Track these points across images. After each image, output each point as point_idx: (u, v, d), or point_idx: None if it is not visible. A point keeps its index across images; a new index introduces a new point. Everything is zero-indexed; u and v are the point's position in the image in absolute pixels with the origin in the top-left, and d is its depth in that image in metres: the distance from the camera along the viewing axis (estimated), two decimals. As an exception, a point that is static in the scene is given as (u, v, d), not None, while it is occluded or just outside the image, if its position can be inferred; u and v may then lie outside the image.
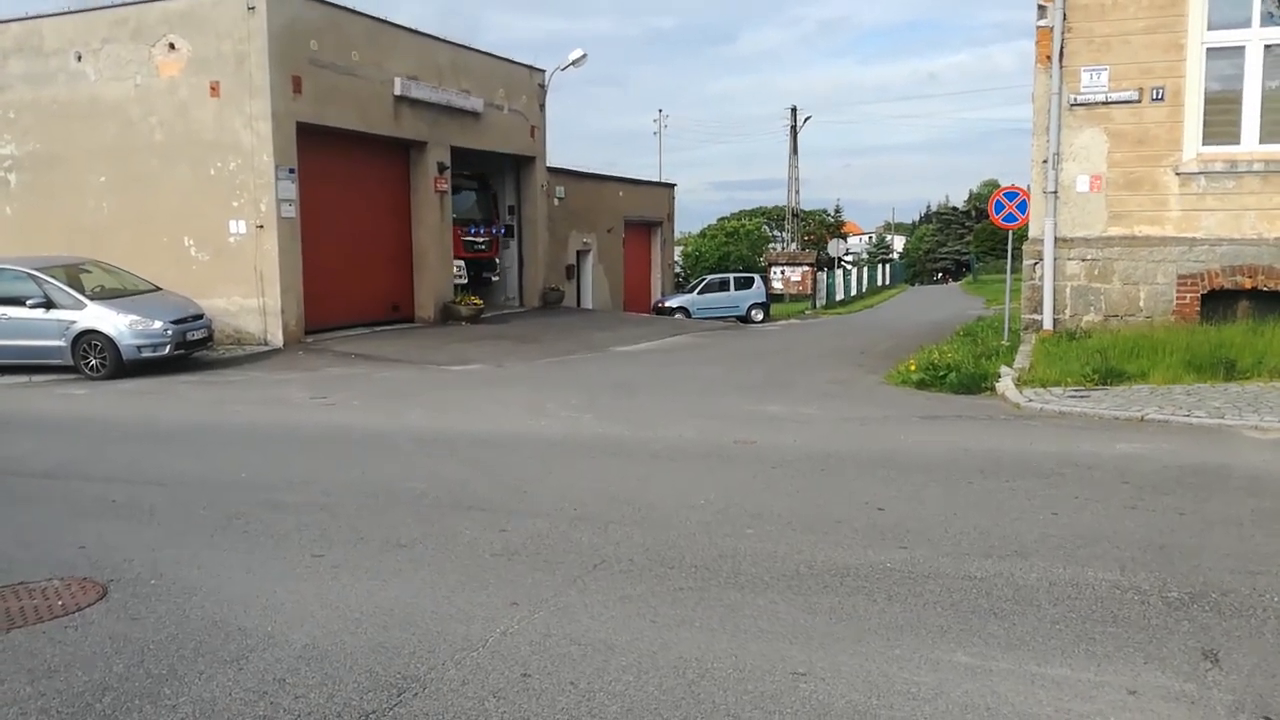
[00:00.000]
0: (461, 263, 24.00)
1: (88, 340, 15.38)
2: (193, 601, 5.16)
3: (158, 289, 17.03)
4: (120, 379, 15.08)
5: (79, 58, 19.16)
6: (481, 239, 25.01)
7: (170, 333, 15.65)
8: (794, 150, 58.13)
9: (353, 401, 12.47)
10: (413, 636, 4.63)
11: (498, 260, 26.35)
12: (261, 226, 18.05)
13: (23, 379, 15.41)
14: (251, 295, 18.26)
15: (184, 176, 18.54)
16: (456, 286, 23.83)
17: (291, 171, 18.24)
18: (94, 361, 15.35)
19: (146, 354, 15.46)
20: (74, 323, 15.39)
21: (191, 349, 16.29)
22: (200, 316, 16.63)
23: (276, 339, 18.20)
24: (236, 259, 18.29)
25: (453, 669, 4.28)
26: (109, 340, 15.28)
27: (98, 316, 15.40)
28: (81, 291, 15.85)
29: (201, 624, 4.85)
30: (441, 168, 22.57)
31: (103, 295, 16.04)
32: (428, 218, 22.41)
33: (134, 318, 15.47)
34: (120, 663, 4.43)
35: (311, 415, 11.50)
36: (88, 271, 16.74)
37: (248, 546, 6.12)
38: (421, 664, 4.34)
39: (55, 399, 13.54)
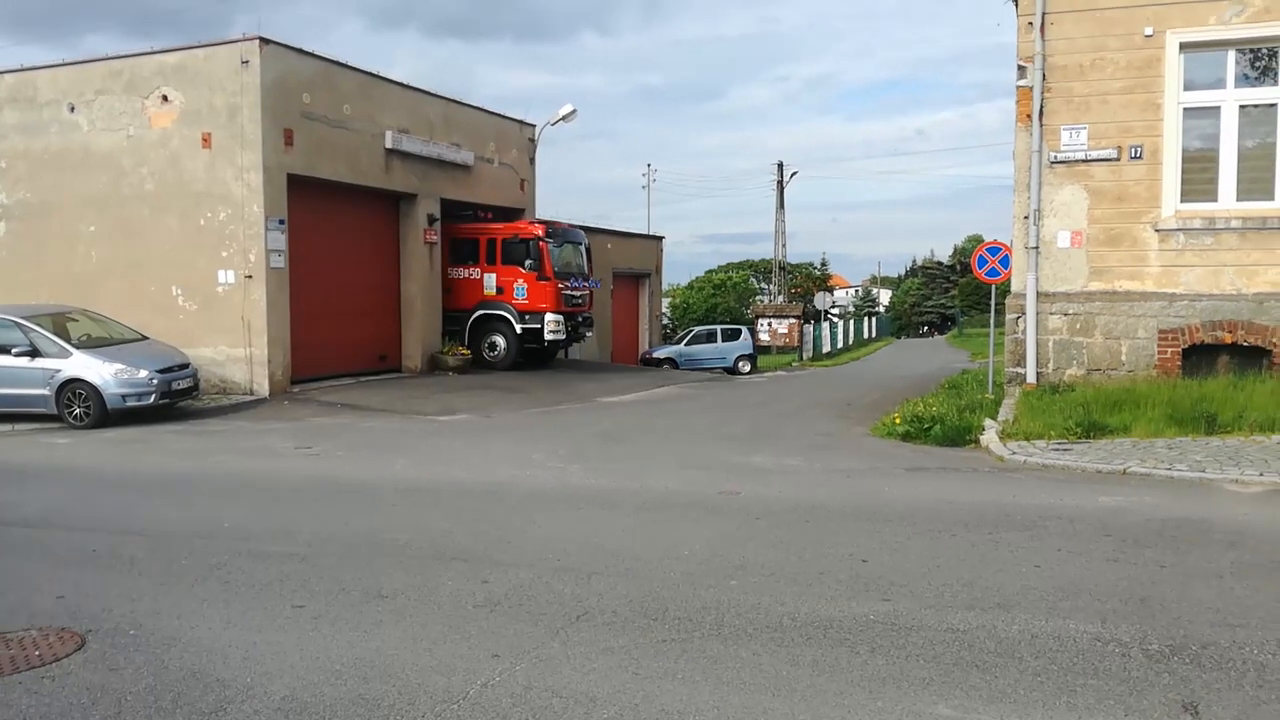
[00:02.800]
0: (560, 317, 22.83)
1: (72, 389, 15.32)
2: (172, 652, 5.12)
3: (144, 338, 17.02)
4: (104, 428, 15.01)
5: (72, 109, 19.32)
6: (580, 293, 23.92)
7: (155, 382, 15.61)
8: (781, 204, 58.74)
9: (337, 452, 12.43)
10: (393, 688, 4.60)
11: (591, 315, 25.45)
12: (250, 276, 18.11)
13: (5, 428, 15.32)
14: (238, 345, 18.26)
15: (173, 226, 18.62)
16: (553, 342, 23.37)
17: (281, 222, 18.35)
18: (78, 410, 15.29)
19: (131, 403, 15.40)
20: (59, 371, 15.34)
21: (177, 398, 16.24)
22: (186, 366, 16.61)
23: (262, 388, 18.17)
24: (224, 309, 18.31)
25: (433, 721, 4.25)
26: (93, 389, 15.23)
27: (83, 365, 15.36)
28: (67, 340, 15.83)
29: (180, 675, 4.81)
30: (431, 219, 22.73)
31: (89, 344, 16.02)
32: (417, 269, 22.52)
33: (119, 366, 15.43)
34: (97, 714, 4.39)
35: (295, 465, 11.46)
36: (74, 320, 16.73)
37: (228, 597, 6.08)
38: (402, 716, 4.31)
39: (38, 448, 13.46)
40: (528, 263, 22.69)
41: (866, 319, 76.47)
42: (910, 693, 4.47)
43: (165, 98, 18.55)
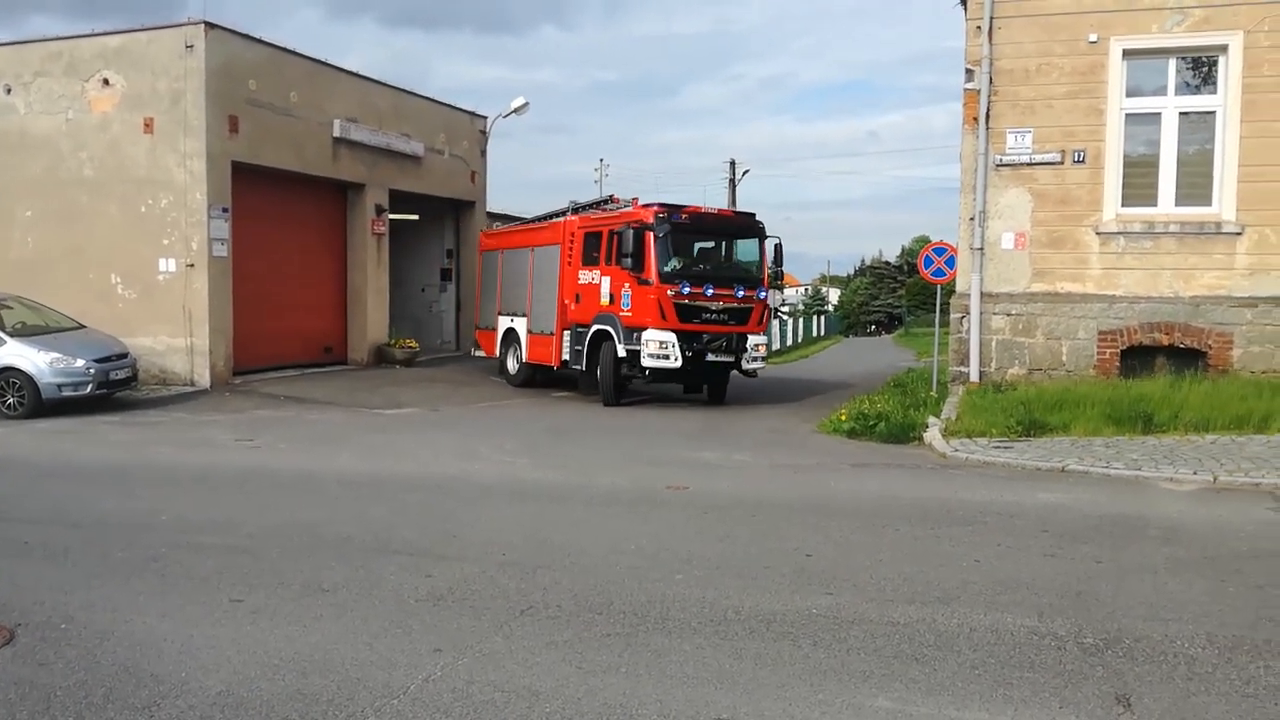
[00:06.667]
0: (671, 338, 15.67)
1: (6, 378, 14.89)
2: (104, 646, 5.00)
3: (81, 326, 16.61)
4: (39, 418, 14.62)
5: (8, 90, 18.79)
6: (717, 305, 16.09)
7: (93, 371, 15.25)
8: (732, 202, 58.96)
9: (279, 444, 12.25)
10: (332, 683, 4.54)
11: (759, 343, 16.83)
12: (192, 265, 17.76)
13: (-65, 417, 14.88)
14: (179, 335, 17.90)
15: (113, 213, 18.19)
16: (658, 370, 16.11)
17: (225, 210, 18.02)
18: (11, 400, 14.88)
19: (67, 393, 15.03)
20: (-9, 359, 14.93)
21: (115, 388, 15.88)
22: (125, 355, 16.25)
23: (204, 379, 17.84)
24: (165, 298, 17.94)
25: (373, 717, 4.20)
26: (28, 378, 14.83)
27: (17, 354, 14.95)
28: (1, 328, 15.41)
29: (112, 669, 4.70)
30: (379, 210, 22.47)
31: (23, 332, 15.60)
32: (364, 260, 22.24)
33: (55, 355, 15.05)
34: (25, 710, 4.27)
35: (236, 457, 11.27)
36: (8, 307, 16.27)
37: (164, 590, 5.96)
38: (340, 711, 4.25)
39: (-32, 438, 13.09)
40: (626, 260, 15.93)
41: (816, 317, 76.99)
42: (851, 685, 4.51)
43: (106, 81, 18.12)
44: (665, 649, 4.95)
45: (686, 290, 15.82)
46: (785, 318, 63.10)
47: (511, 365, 19.85)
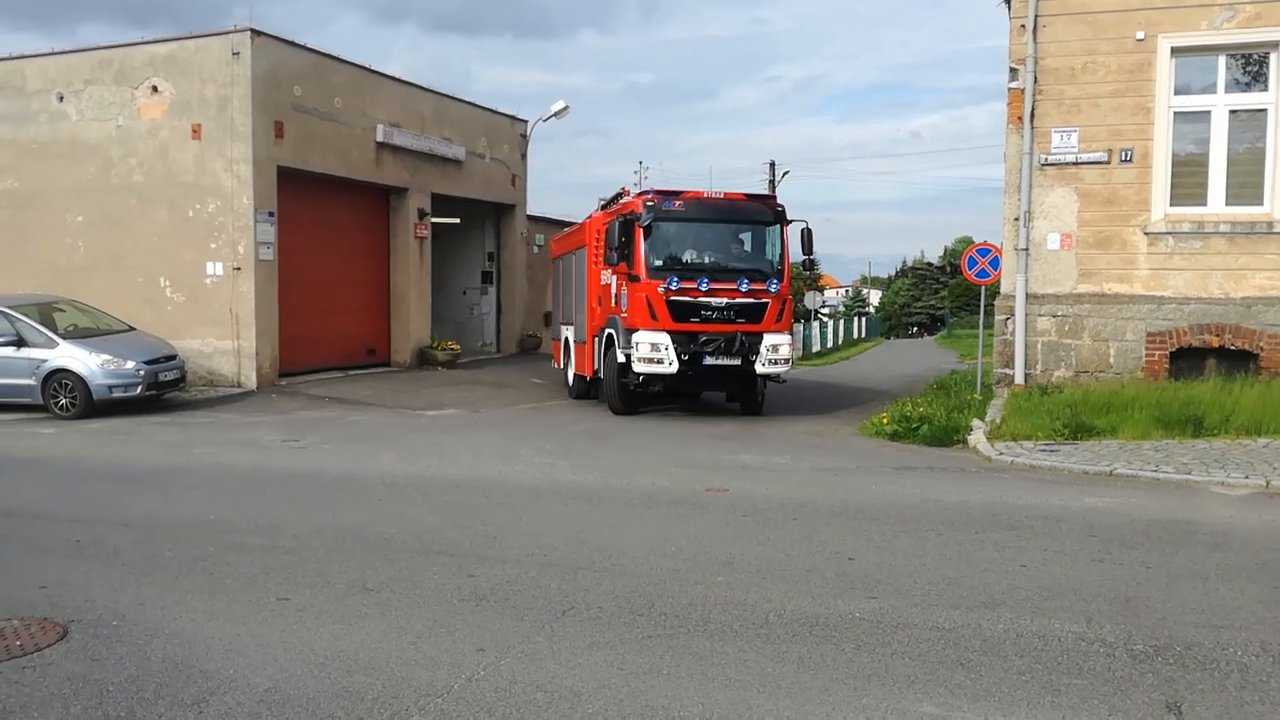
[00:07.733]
0: (664, 339, 14.13)
1: (58, 379, 15.23)
2: (154, 643, 5.08)
3: (131, 329, 16.93)
4: (90, 419, 14.93)
5: (61, 98, 19.21)
6: (720, 303, 14.30)
7: (142, 373, 15.54)
8: (772, 204, 58.65)
9: (324, 445, 12.39)
10: (377, 681, 4.58)
11: (779, 343, 14.59)
12: (239, 268, 18.05)
13: (-10, 417, 15.22)
14: (226, 337, 18.20)
15: (162, 218, 18.54)
16: (653, 377, 14.47)
17: (271, 215, 18.29)
18: (64, 401, 15.20)
19: (118, 394, 15.32)
20: (45, 361, 15.25)
21: (163, 390, 16.16)
22: (173, 357, 16.54)
23: (250, 381, 18.11)
24: (212, 300, 18.24)
25: (417, 715, 4.23)
26: (80, 379, 15.14)
27: (69, 355, 15.27)
28: (54, 330, 15.74)
29: (163, 666, 4.78)
30: (421, 214, 22.68)
31: (75, 334, 15.93)
32: (406, 263, 22.47)
33: (106, 357, 15.35)
34: (78, 704, 4.35)
35: (282, 458, 11.41)
36: (61, 310, 16.64)
37: (212, 588, 6.05)
38: (385, 710, 4.29)
39: (22, 438, 13.37)
40: (613, 255, 14.71)
41: (856, 319, 76.48)
42: (895, 690, 4.47)
43: (155, 88, 18.46)
44: (707, 651, 4.94)
45: (675, 285, 14.17)
46: (825, 319, 62.77)
47: (569, 377, 18.50)
